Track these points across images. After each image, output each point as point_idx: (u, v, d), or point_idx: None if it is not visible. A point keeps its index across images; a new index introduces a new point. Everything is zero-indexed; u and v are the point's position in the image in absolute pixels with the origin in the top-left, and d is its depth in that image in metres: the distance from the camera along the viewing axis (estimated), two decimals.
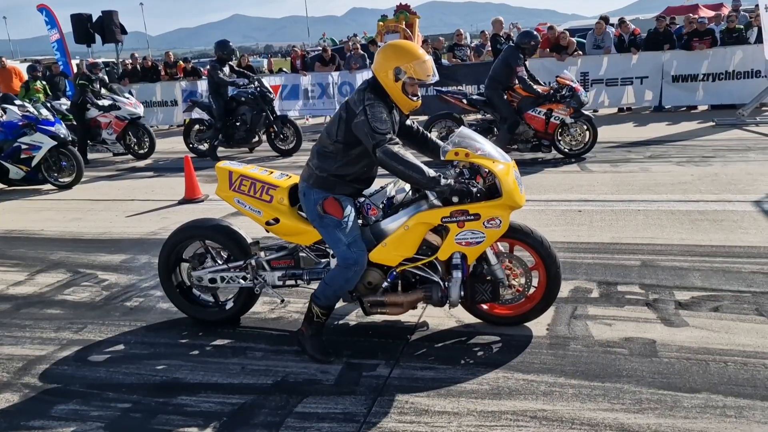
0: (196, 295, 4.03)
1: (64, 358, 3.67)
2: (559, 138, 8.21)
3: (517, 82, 8.03)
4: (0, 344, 3.92)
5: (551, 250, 3.48)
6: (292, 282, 3.77)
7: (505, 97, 8.12)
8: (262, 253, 3.78)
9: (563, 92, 7.94)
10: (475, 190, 3.27)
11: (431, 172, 3.19)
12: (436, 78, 3.33)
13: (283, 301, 4.01)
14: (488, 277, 3.50)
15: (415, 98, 3.33)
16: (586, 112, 8.25)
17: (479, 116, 8.81)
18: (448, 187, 3.20)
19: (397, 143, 3.25)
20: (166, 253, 3.94)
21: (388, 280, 3.47)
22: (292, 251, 3.78)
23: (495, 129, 8.31)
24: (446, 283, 3.42)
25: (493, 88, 8.14)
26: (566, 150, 8.25)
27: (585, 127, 8.20)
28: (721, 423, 2.65)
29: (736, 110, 10.38)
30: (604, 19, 13.25)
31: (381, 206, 3.47)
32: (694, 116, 11.20)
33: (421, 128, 3.67)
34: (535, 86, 8.05)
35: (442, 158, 3.39)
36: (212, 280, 3.83)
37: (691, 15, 12.93)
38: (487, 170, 3.35)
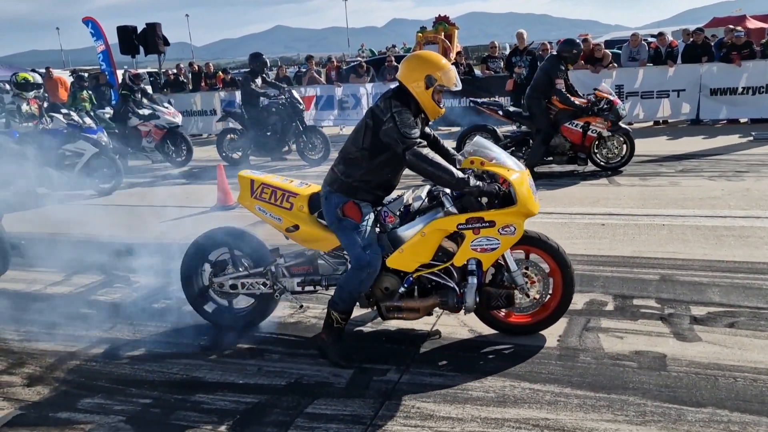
0: (215, 300, 4.15)
1: (93, 355, 3.87)
2: (596, 151, 8.14)
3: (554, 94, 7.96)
4: (36, 340, 4.14)
5: (565, 256, 3.57)
6: (311, 288, 3.87)
7: (545, 106, 8.03)
8: (281, 260, 3.91)
9: (601, 105, 7.86)
10: (502, 192, 3.37)
11: (460, 174, 3.29)
12: (460, 86, 3.45)
13: (302, 306, 4.14)
14: (507, 283, 3.57)
15: (441, 105, 3.46)
16: (623, 126, 8.16)
17: (514, 128, 8.76)
18: (477, 188, 3.28)
19: (425, 146, 3.38)
20: (188, 260, 4.06)
21: (405, 285, 3.56)
22: (311, 258, 3.89)
23: (530, 141, 8.26)
24: (462, 289, 3.50)
25: (533, 98, 8.07)
26: (602, 163, 8.17)
27: (622, 140, 8.09)
28: None
29: None
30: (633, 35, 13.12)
31: (398, 213, 3.57)
32: (732, 130, 10.98)
33: (436, 135, 3.78)
34: (573, 99, 7.95)
35: (457, 167, 3.48)
36: (233, 286, 3.95)
37: (731, 26, 12.68)
38: (502, 178, 3.42)
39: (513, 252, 3.60)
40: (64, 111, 9.48)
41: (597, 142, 8.07)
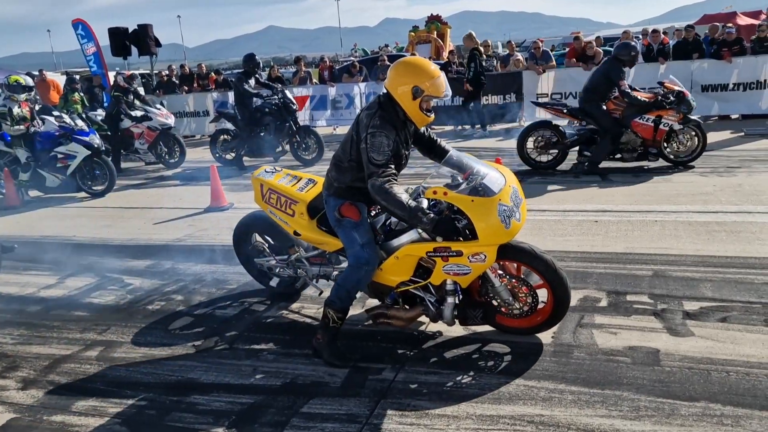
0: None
1: (88, 358, 3.85)
2: (665, 145, 7.89)
3: (618, 94, 7.78)
4: (29, 343, 4.13)
5: (559, 272, 3.39)
6: (325, 279, 4.11)
7: (605, 107, 7.90)
8: (302, 250, 4.13)
9: (671, 98, 7.70)
10: (461, 225, 3.26)
11: (414, 209, 3.19)
12: (450, 93, 3.41)
13: (321, 293, 4.16)
14: (489, 298, 3.55)
15: (429, 114, 3.42)
16: (694, 117, 7.92)
17: (578, 125, 8.37)
18: (431, 225, 3.21)
19: (389, 176, 3.26)
20: (236, 236, 4.54)
21: (389, 299, 3.63)
22: (324, 251, 4.02)
23: (597, 138, 8.03)
24: (441, 305, 3.51)
25: (591, 101, 7.93)
26: (672, 157, 7.97)
27: (693, 133, 7.88)
28: (717, 431, 2.68)
29: (767, 120, 10.20)
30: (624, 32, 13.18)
31: (378, 228, 3.59)
32: (724, 126, 11.04)
33: (432, 134, 3.78)
34: (639, 96, 7.77)
35: (421, 196, 3.41)
36: (269, 269, 4.43)
37: (716, 24, 12.74)
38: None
39: (506, 264, 3.58)
40: (55, 113, 9.46)
41: (667, 137, 7.81)
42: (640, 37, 13.59)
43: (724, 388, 3.00)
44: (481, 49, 12.44)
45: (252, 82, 10.13)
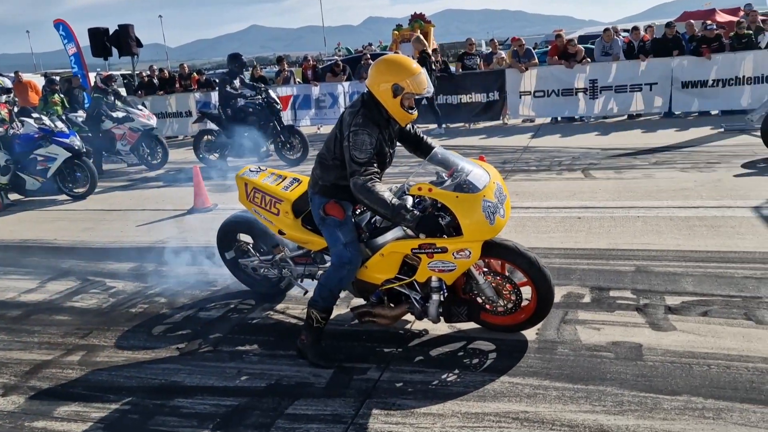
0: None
1: (69, 362, 3.81)
2: None
3: None
4: (9, 349, 4.07)
5: (543, 270, 3.40)
6: (309, 278, 4.08)
7: None
8: (287, 250, 4.11)
9: None
10: (444, 222, 3.26)
11: (397, 206, 3.19)
12: (432, 90, 3.41)
13: (306, 292, 4.11)
14: (473, 295, 3.57)
15: (411, 111, 3.41)
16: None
17: None
18: (414, 222, 3.21)
19: (371, 175, 3.26)
20: (220, 238, 4.52)
21: (373, 297, 3.63)
22: (309, 250, 4.01)
23: None
24: (426, 302, 3.51)
25: None
26: None
27: None
28: (699, 424, 2.71)
29: (745, 116, 10.33)
30: (614, 29, 13.29)
31: (363, 225, 3.59)
32: (704, 122, 11.15)
33: (418, 131, 3.78)
34: None
35: (406, 194, 3.43)
36: (254, 269, 4.42)
37: (691, 21, 12.90)
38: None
39: (491, 261, 3.60)
40: (35, 115, 9.33)
41: None
42: (623, 33, 13.71)
43: (705, 381, 3.03)
44: (429, 51, 12.61)
45: (237, 82, 10.08)
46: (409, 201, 3.41)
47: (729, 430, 2.65)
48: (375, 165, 3.32)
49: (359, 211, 3.65)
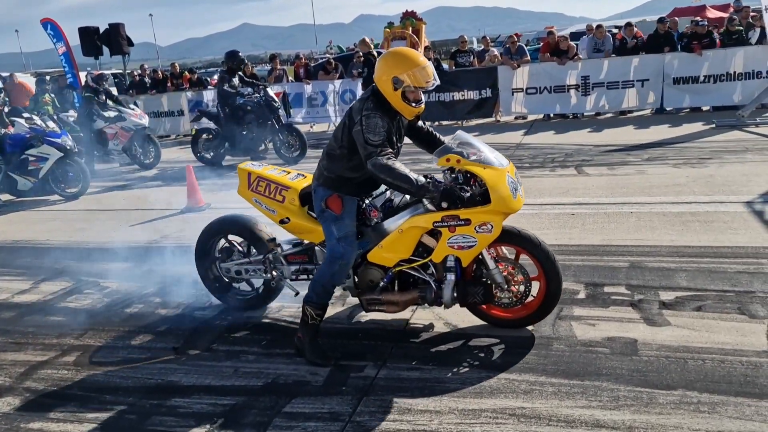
0: (228, 285, 4.39)
1: (65, 363, 3.79)
2: None
3: None
4: (3, 350, 4.05)
5: (556, 266, 3.48)
6: (305, 276, 4.01)
7: None
8: (279, 249, 4.05)
9: None
10: (467, 195, 3.33)
11: (420, 180, 3.25)
12: (437, 83, 3.39)
13: (297, 293, 4.09)
14: (485, 280, 3.57)
15: (416, 104, 3.41)
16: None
17: None
18: (438, 193, 3.25)
19: (388, 154, 3.30)
20: (200, 247, 4.32)
21: (385, 280, 3.60)
22: (306, 248, 4.00)
23: None
24: (440, 284, 3.52)
25: None
26: None
27: None
28: (694, 418, 2.73)
29: (737, 111, 10.40)
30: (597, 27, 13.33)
31: (379, 207, 3.60)
32: (695, 118, 11.22)
33: (430, 128, 3.80)
34: None
35: (434, 164, 3.48)
36: (238, 272, 4.20)
37: (675, 18, 12.96)
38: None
39: (505, 248, 3.63)
40: (26, 115, 9.28)
41: None
42: (614, 30, 13.76)
43: (700, 375, 3.05)
44: (375, 53, 12.64)
45: (235, 80, 10.05)
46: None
47: (724, 423, 2.67)
48: (389, 147, 3.34)
49: (380, 191, 3.66)
